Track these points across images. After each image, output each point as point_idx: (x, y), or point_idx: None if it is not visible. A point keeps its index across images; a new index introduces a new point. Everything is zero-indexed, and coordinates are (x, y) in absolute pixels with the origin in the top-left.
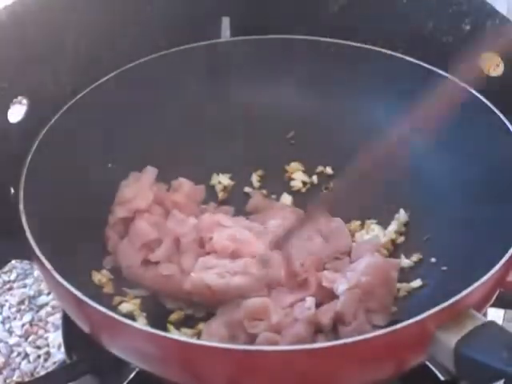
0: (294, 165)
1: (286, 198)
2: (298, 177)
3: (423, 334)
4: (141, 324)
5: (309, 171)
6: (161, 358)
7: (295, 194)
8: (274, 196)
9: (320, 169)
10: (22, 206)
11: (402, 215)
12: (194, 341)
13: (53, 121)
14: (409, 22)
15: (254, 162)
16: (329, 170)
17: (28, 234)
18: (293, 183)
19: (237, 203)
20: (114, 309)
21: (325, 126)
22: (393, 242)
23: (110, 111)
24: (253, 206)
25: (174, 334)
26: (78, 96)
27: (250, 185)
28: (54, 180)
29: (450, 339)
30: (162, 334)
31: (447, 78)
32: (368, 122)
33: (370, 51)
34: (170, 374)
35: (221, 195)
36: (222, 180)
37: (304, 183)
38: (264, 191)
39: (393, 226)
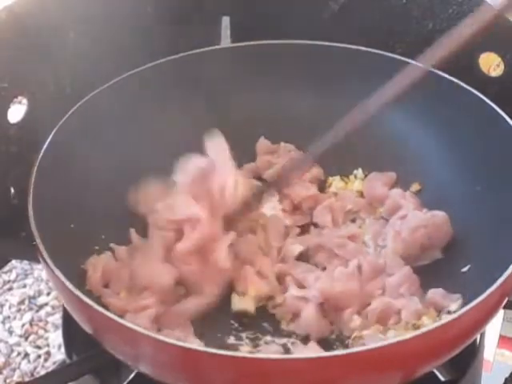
0: None
1: None
2: None
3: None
4: (147, 330)
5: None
6: (167, 364)
7: None
8: None
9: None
10: (31, 212)
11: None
12: (200, 348)
13: (59, 124)
14: (409, 22)
15: None
16: None
17: (37, 239)
18: None
19: None
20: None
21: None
22: None
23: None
24: None
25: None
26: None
27: None
28: (63, 186)
29: None
30: (168, 340)
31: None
32: None
33: (370, 54)
34: (174, 380)
35: None
36: None
37: None
38: None
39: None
